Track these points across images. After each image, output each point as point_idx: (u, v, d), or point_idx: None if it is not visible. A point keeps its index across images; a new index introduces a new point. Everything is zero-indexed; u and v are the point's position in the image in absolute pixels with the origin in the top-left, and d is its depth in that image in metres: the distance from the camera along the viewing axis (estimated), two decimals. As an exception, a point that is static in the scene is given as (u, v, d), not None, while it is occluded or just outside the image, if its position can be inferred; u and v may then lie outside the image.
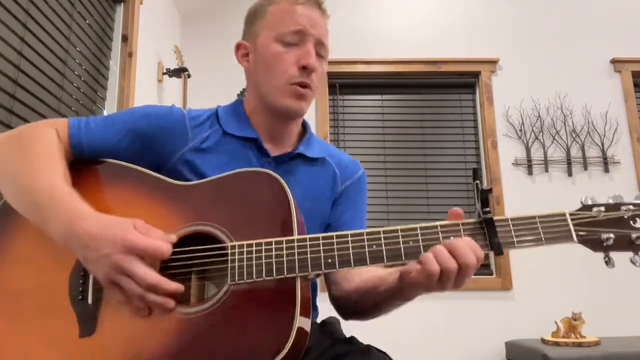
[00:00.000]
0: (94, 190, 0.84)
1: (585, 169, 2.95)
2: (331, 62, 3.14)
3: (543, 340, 2.37)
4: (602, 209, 0.72)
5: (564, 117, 3.02)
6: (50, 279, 0.76)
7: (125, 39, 2.25)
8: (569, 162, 2.96)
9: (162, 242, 0.70)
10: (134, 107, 0.97)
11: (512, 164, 2.97)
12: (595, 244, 0.71)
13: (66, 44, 1.78)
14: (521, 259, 2.78)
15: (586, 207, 0.73)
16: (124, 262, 0.66)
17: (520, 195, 2.91)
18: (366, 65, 3.12)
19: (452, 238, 0.70)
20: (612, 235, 0.70)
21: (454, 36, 3.17)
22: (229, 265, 0.71)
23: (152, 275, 0.67)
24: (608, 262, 0.71)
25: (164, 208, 0.80)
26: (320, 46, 0.93)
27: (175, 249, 0.74)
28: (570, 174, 2.95)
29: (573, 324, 2.36)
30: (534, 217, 0.72)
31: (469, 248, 0.69)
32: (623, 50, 3.11)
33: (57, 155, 0.82)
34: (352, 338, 0.92)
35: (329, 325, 0.97)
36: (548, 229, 0.71)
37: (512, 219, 0.72)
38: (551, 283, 2.73)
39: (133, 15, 2.28)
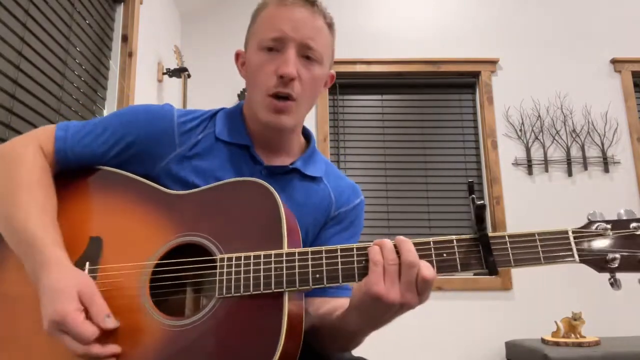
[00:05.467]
0: (83, 199, 0.84)
1: (585, 169, 2.95)
2: (331, 62, 3.15)
3: (543, 340, 2.37)
4: (609, 225, 0.67)
5: (564, 117, 3.02)
6: None
7: (125, 39, 2.25)
8: (569, 162, 2.96)
9: (89, 327, 0.66)
10: (123, 109, 0.92)
11: (512, 164, 2.97)
12: (599, 265, 0.67)
13: (66, 44, 1.78)
14: (521, 259, 2.78)
15: (592, 223, 0.68)
16: (55, 327, 0.67)
17: (520, 195, 2.91)
18: (366, 65, 3.11)
19: (445, 255, 0.68)
20: (617, 256, 0.66)
21: (454, 36, 3.17)
22: (217, 278, 0.71)
23: (88, 334, 0.66)
24: (614, 283, 0.67)
25: (156, 218, 0.80)
26: (305, 49, 0.85)
27: (166, 261, 0.75)
28: (570, 174, 2.94)
29: (573, 324, 2.36)
30: (533, 235, 0.68)
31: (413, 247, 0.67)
32: (623, 50, 3.11)
33: (36, 184, 0.79)
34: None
35: None
36: (548, 247, 0.67)
37: (509, 236, 0.68)
38: (551, 283, 2.73)
39: (133, 15, 2.28)
